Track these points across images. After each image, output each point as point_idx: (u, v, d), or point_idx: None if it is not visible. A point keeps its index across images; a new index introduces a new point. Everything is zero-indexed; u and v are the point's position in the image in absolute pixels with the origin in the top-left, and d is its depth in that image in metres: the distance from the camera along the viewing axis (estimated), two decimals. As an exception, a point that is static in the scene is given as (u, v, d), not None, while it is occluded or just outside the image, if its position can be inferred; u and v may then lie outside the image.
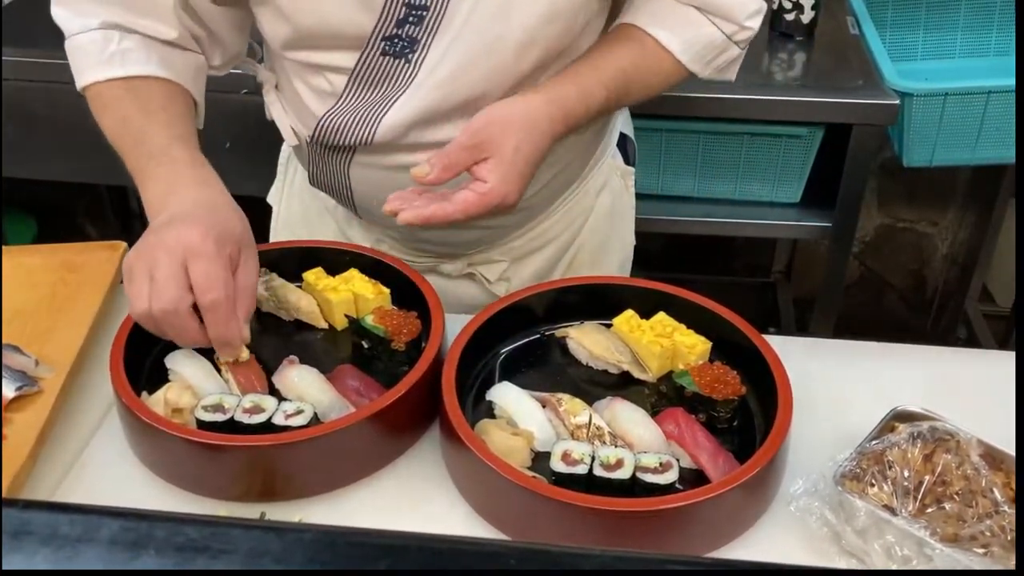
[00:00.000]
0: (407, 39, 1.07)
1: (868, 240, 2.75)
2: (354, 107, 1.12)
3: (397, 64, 1.09)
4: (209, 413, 0.98)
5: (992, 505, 0.88)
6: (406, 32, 1.06)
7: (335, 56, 1.10)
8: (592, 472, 0.92)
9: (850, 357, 1.17)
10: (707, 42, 1.14)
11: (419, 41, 1.07)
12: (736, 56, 1.18)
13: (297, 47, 1.11)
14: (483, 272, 1.31)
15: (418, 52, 1.07)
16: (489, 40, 1.06)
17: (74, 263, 1.23)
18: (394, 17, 1.05)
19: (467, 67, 1.07)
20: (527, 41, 1.07)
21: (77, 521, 0.48)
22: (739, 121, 1.88)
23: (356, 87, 1.11)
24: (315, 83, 1.14)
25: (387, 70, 1.09)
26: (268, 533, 0.49)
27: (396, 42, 1.07)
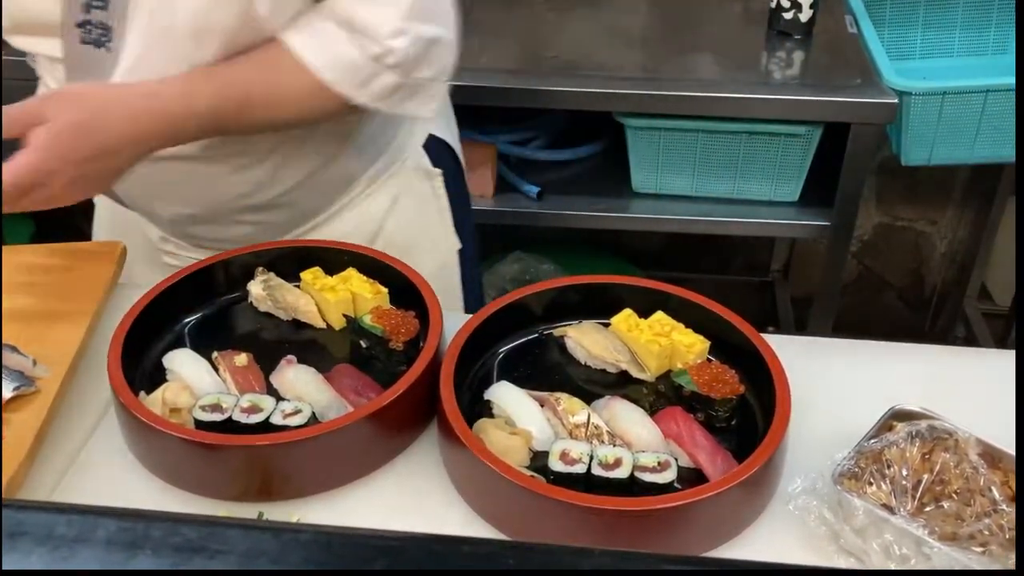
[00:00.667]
0: (99, 26, 1.06)
1: (866, 239, 2.75)
2: None
3: (99, 53, 1.08)
4: (207, 413, 0.98)
5: (990, 504, 0.88)
6: (96, 19, 1.05)
7: (44, 43, 1.10)
8: (590, 471, 0.92)
9: (848, 356, 1.16)
10: (349, 62, 1.06)
11: (111, 28, 1.06)
12: (397, 85, 1.09)
13: (11, 32, 1.11)
14: None
15: (114, 41, 1.07)
16: (163, 27, 1.04)
17: (72, 262, 1.23)
18: (79, 1, 1.05)
19: (148, 55, 1.06)
20: (200, 28, 1.04)
21: (73, 521, 0.48)
22: (737, 120, 1.87)
23: (72, 76, 1.11)
24: (47, 71, 1.15)
25: (91, 61, 1.08)
26: (265, 533, 0.49)
27: (90, 29, 1.06)
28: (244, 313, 1.17)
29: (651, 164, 1.98)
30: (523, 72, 1.93)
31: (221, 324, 1.17)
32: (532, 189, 2.03)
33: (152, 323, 1.10)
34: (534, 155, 2.12)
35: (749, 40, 2.05)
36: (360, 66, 1.07)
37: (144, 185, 1.07)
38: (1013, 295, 2.60)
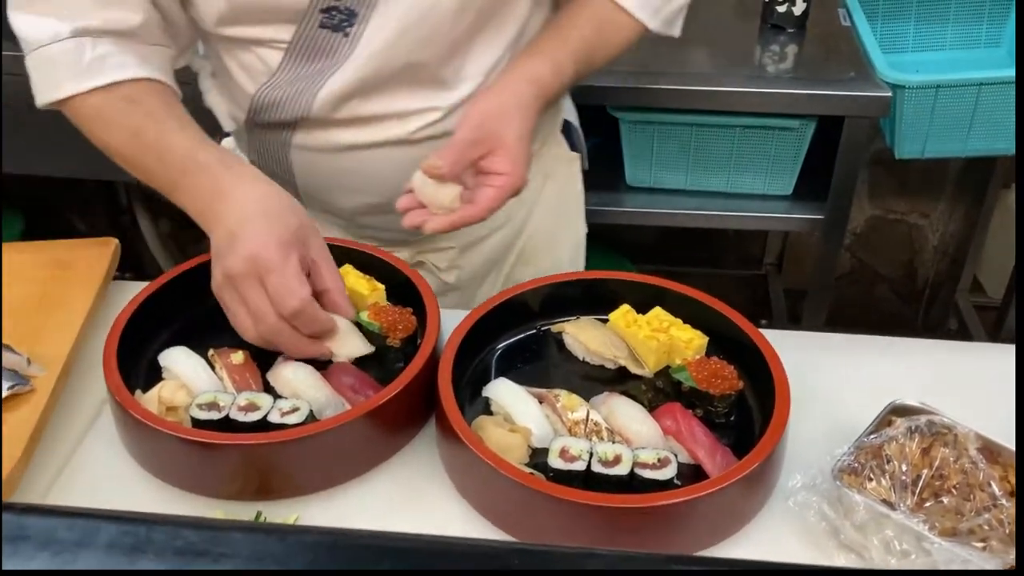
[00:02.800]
0: (345, 12, 1.06)
1: (859, 232, 2.76)
2: (290, 80, 1.11)
3: (335, 38, 1.08)
4: (204, 411, 0.97)
5: (990, 498, 0.88)
6: (344, 4, 1.06)
7: (270, 30, 1.09)
8: (590, 468, 0.92)
9: (846, 351, 1.16)
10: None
11: (357, 15, 1.07)
12: (682, 5, 1.20)
13: (231, 23, 1.10)
14: (432, 260, 1.31)
15: (356, 26, 1.07)
16: (424, 8, 1.06)
17: (65, 260, 1.22)
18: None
19: (402, 36, 1.07)
20: (461, 6, 1.07)
21: (75, 525, 0.48)
22: (731, 114, 1.87)
23: (292, 61, 1.10)
24: (247, 61, 1.13)
25: (324, 44, 1.09)
26: (269, 536, 0.48)
27: (334, 15, 1.07)
28: (240, 310, 1.17)
29: (645, 158, 1.98)
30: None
31: (217, 322, 1.15)
32: (526, 183, 2.02)
33: (148, 320, 1.10)
34: (528, 149, 2.11)
35: (742, 34, 2.05)
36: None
37: (334, 175, 1.09)
38: (1005, 287, 2.60)
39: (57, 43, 1.06)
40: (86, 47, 1.06)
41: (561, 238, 1.42)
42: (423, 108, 1.15)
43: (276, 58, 1.11)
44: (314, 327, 1.02)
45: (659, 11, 1.18)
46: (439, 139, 1.17)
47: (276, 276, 0.98)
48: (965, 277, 2.72)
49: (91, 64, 1.06)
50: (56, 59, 1.07)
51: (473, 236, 1.32)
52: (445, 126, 1.17)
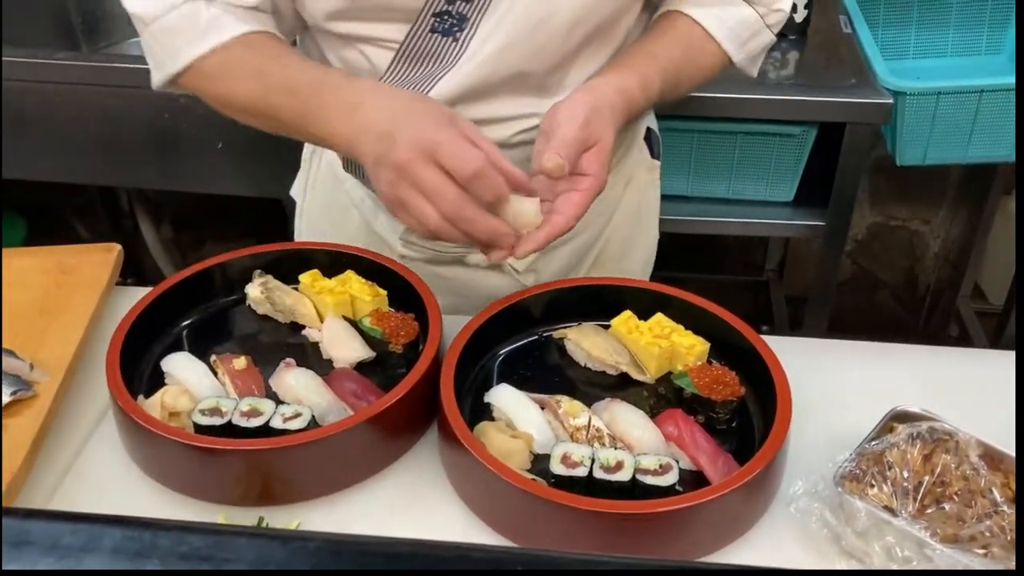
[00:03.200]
0: (457, 16, 1.06)
1: (861, 238, 2.76)
2: (399, 83, 1.10)
3: (444, 42, 1.08)
4: (206, 417, 0.97)
5: (991, 505, 0.88)
6: (456, 9, 1.06)
7: (381, 28, 1.09)
8: (592, 474, 0.92)
9: (848, 357, 1.17)
10: (742, 18, 1.17)
11: (468, 19, 1.06)
12: (767, 44, 1.20)
13: (343, 18, 1.09)
14: (511, 263, 1.29)
15: (466, 31, 1.07)
16: (538, 19, 1.06)
17: (68, 265, 1.22)
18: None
19: (514, 45, 1.07)
20: (576, 20, 1.07)
21: (79, 530, 0.48)
22: (732, 120, 1.87)
23: (401, 64, 1.10)
24: (351, 58, 1.13)
25: (434, 48, 1.09)
26: (273, 541, 0.49)
27: (446, 19, 1.06)
28: (242, 316, 1.17)
29: (646, 164, 1.98)
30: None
31: (219, 327, 1.16)
32: (528, 190, 2.03)
33: (150, 326, 1.10)
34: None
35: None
36: (751, 24, 1.17)
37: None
38: (1006, 294, 2.61)
39: (173, 11, 1.06)
40: (201, 9, 1.05)
41: (637, 244, 1.41)
42: (523, 114, 1.14)
43: (382, 57, 1.10)
44: (495, 190, 0.96)
45: (745, 44, 1.18)
46: (531, 144, 1.16)
47: (447, 146, 0.94)
48: (966, 284, 2.72)
49: (208, 24, 1.05)
50: (174, 26, 1.06)
51: (555, 241, 1.30)
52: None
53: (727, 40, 1.16)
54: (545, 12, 1.05)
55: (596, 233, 1.35)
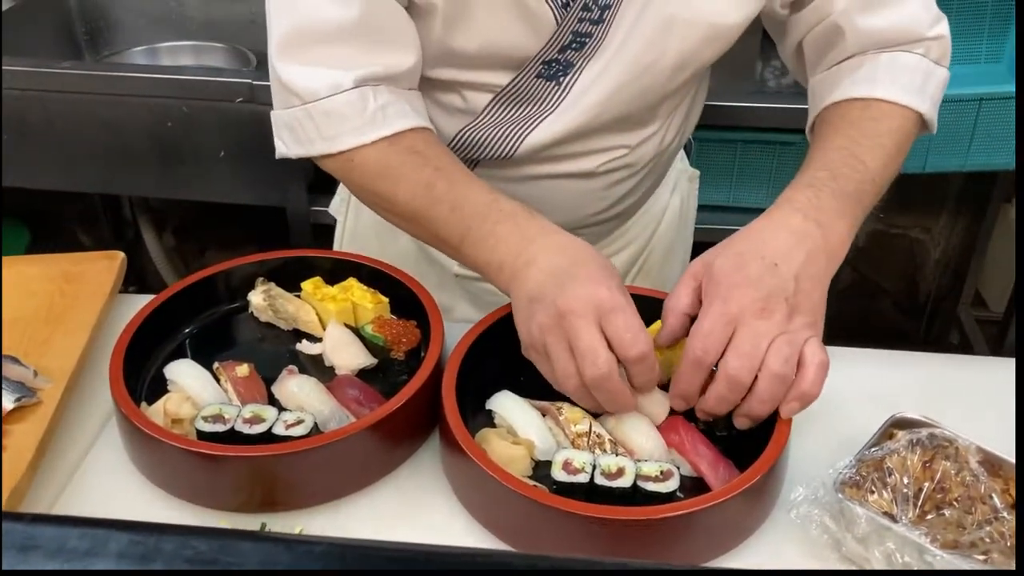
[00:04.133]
0: (563, 63, 1.05)
1: (861, 246, 2.76)
2: (496, 123, 1.10)
3: (547, 86, 1.07)
4: (209, 423, 0.98)
5: (991, 511, 0.89)
6: (565, 57, 1.05)
7: (487, 75, 1.07)
8: (593, 481, 0.92)
9: (848, 364, 1.16)
10: (902, 66, 1.08)
11: (574, 65, 1.06)
12: (943, 80, 1.11)
13: (445, 65, 1.07)
14: None
15: (570, 76, 1.06)
16: (646, 63, 1.05)
17: (72, 273, 1.23)
18: (559, 44, 1.04)
19: (619, 90, 1.06)
20: (681, 64, 1.06)
21: (85, 535, 0.48)
22: (733, 128, 1.88)
23: (501, 105, 1.09)
24: (447, 99, 1.11)
25: (536, 91, 1.08)
26: (278, 546, 0.49)
27: (553, 66, 1.06)
28: (245, 323, 1.18)
29: (647, 172, 1.98)
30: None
31: (222, 334, 1.17)
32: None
33: (153, 333, 1.10)
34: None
35: (743, 49, 2.06)
36: (916, 67, 1.08)
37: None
38: (1007, 301, 2.61)
39: (340, 94, 1.01)
40: (369, 97, 1.01)
41: (677, 251, 1.42)
42: (613, 146, 1.14)
43: (481, 100, 1.09)
44: (649, 378, 0.94)
45: (923, 90, 1.09)
46: (619, 171, 1.17)
47: (622, 316, 0.89)
48: (967, 291, 2.72)
49: (375, 115, 1.01)
50: (338, 111, 1.02)
51: (605, 253, 1.27)
52: (627, 160, 1.17)
53: (903, 95, 1.06)
54: (652, 58, 1.04)
55: (643, 245, 1.35)
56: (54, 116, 1.97)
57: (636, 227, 1.32)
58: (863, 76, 1.08)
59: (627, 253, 1.33)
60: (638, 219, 1.32)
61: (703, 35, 1.04)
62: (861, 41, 1.10)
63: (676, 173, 1.37)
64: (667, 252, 1.39)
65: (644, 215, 1.32)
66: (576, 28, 1.02)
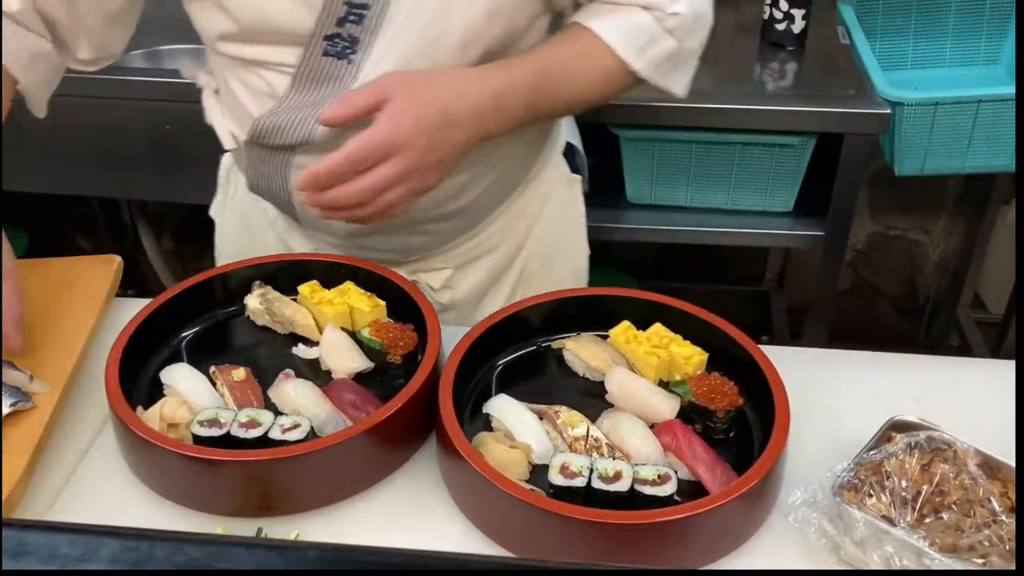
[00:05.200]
0: (348, 39, 1.07)
1: (860, 248, 2.76)
2: (296, 106, 1.12)
3: (340, 65, 1.09)
4: (205, 428, 0.97)
5: (990, 514, 0.88)
6: (347, 31, 1.07)
7: (274, 51, 1.10)
8: (590, 484, 0.92)
9: (846, 367, 1.17)
10: (634, 23, 1.13)
11: (360, 41, 1.07)
12: (672, 52, 1.15)
13: (235, 40, 1.11)
14: (427, 280, 1.31)
15: (359, 52, 1.08)
16: (429, 39, 1.07)
17: (68, 277, 1.22)
18: (334, 16, 1.06)
19: (407, 66, 1.07)
20: (468, 40, 1.07)
21: (77, 541, 0.48)
22: (731, 131, 1.88)
23: (299, 87, 1.11)
24: (252, 82, 1.14)
25: (329, 71, 1.10)
26: (271, 552, 0.49)
27: (337, 42, 1.07)
28: (241, 327, 1.17)
29: (645, 175, 1.98)
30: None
31: (218, 338, 1.16)
32: (527, 200, 2.04)
33: (149, 338, 1.10)
34: (529, 166, 2.12)
35: (742, 51, 2.06)
36: (643, 28, 1.13)
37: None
38: (1006, 304, 2.61)
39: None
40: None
41: (561, 262, 1.42)
42: None
43: (281, 82, 1.11)
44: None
45: (644, 51, 1.13)
46: None
47: None
48: (966, 293, 2.72)
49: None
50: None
51: (467, 256, 1.32)
52: None
53: (621, 45, 1.12)
54: (437, 32, 1.06)
55: (514, 249, 1.35)
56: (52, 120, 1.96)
57: (498, 234, 1.32)
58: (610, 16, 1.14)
59: (494, 258, 1.34)
60: (501, 225, 1.32)
61: (484, 10, 1.06)
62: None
63: (550, 180, 1.36)
64: (551, 260, 1.39)
65: (510, 222, 1.33)
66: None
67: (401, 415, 0.98)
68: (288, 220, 1.29)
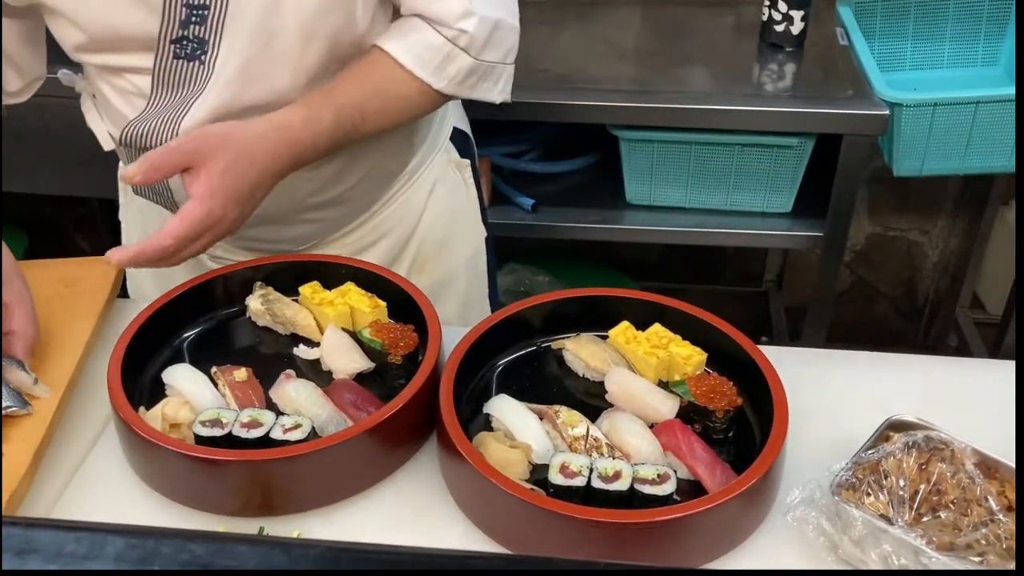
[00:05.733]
0: (195, 40, 1.08)
1: (859, 249, 2.77)
2: (158, 111, 1.13)
3: (192, 67, 1.10)
4: (207, 428, 0.98)
5: (987, 513, 0.89)
6: (192, 33, 1.08)
7: (128, 58, 1.12)
8: (590, 484, 0.92)
9: (844, 367, 1.17)
10: (426, 43, 1.14)
11: (208, 42, 1.09)
12: (472, 68, 1.16)
13: (90, 51, 1.13)
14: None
15: (209, 53, 1.09)
16: (268, 35, 1.08)
17: (70, 277, 1.23)
18: (176, 18, 1.07)
19: (251, 64, 1.09)
20: (307, 34, 1.09)
21: (82, 539, 0.48)
22: (730, 132, 1.89)
23: (159, 92, 1.12)
24: (119, 85, 1.16)
25: (184, 74, 1.11)
26: (274, 549, 0.49)
27: (186, 44, 1.09)
28: (243, 328, 1.18)
29: (645, 176, 1.99)
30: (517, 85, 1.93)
31: (220, 339, 1.17)
32: (527, 201, 2.04)
33: (151, 338, 1.11)
34: (528, 167, 2.13)
35: (741, 52, 2.07)
36: (437, 48, 1.14)
37: None
38: (1005, 304, 2.61)
39: None
40: None
41: (457, 244, 1.44)
42: None
43: (143, 82, 1.13)
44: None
45: (442, 70, 1.15)
46: None
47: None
48: (964, 294, 2.72)
49: None
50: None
51: (362, 243, 1.35)
52: None
53: (418, 67, 1.14)
54: (275, 26, 1.08)
55: (406, 235, 1.38)
56: (51, 121, 1.97)
57: (389, 220, 1.35)
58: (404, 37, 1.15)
59: (388, 242, 1.37)
60: (390, 212, 1.35)
61: (317, 1, 1.07)
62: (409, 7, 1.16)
63: (438, 166, 1.39)
64: (444, 243, 1.41)
65: (399, 208, 1.35)
66: (186, 1, 1.06)
67: (402, 415, 0.98)
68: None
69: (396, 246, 1.38)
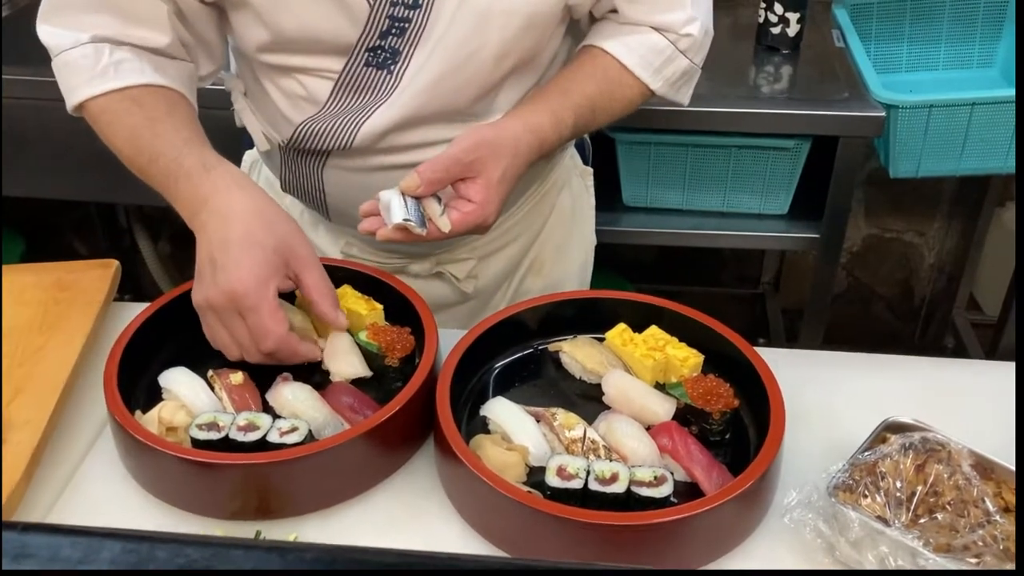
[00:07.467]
0: (389, 50, 1.10)
1: (855, 250, 2.77)
2: (335, 113, 1.14)
3: (380, 75, 1.12)
4: (203, 431, 0.98)
5: (984, 515, 0.89)
6: (389, 43, 1.09)
7: (313, 60, 1.12)
8: (587, 486, 0.92)
9: (841, 368, 1.17)
10: (651, 46, 1.18)
11: (401, 53, 1.10)
12: (686, 69, 1.21)
13: (271, 50, 1.13)
14: (451, 271, 1.34)
15: (399, 63, 1.10)
16: (468, 52, 1.09)
17: (66, 281, 1.23)
18: (377, 29, 1.08)
19: (446, 77, 1.11)
20: (503, 52, 1.11)
21: (78, 543, 0.48)
22: (726, 134, 1.89)
23: (339, 95, 1.13)
24: (289, 88, 1.16)
25: (369, 80, 1.12)
26: (270, 553, 0.49)
27: (379, 53, 1.10)
28: (239, 331, 1.17)
29: (641, 178, 1.99)
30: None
31: (216, 342, 1.16)
32: (523, 204, 2.04)
33: (148, 341, 1.10)
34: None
35: (737, 55, 2.07)
36: (660, 51, 1.19)
37: (365, 192, 1.11)
38: (1001, 305, 2.61)
39: (77, 48, 1.08)
40: (104, 52, 1.08)
41: (572, 249, 1.45)
42: (453, 138, 1.16)
43: (321, 87, 1.13)
44: (294, 360, 1.05)
45: (660, 71, 1.19)
46: None
47: (252, 317, 1.00)
48: (961, 295, 2.73)
49: (106, 69, 1.08)
50: (74, 63, 1.09)
51: (491, 247, 1.35)
52: None
53: (640, 68, 1.18)
54: (475, 46, 1.09)
55: (532, 238, 1.39)
56: (50, 125, 1.97)
57: (520, 224, 1.36)
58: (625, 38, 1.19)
59: (515, 247, 1.38)
60: (522, 216, 1.36)
61: (521, 24, 1.09)
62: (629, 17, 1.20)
63: (565, 172, 1.40)
64: (560, 249, 1.43)
65: (530, 212, 1.36)
66: (391, 13, 1.07)
67: (399, 418, 0.98)
68: (313, 217, 1.32)
69: (522, 250, 1.39)
